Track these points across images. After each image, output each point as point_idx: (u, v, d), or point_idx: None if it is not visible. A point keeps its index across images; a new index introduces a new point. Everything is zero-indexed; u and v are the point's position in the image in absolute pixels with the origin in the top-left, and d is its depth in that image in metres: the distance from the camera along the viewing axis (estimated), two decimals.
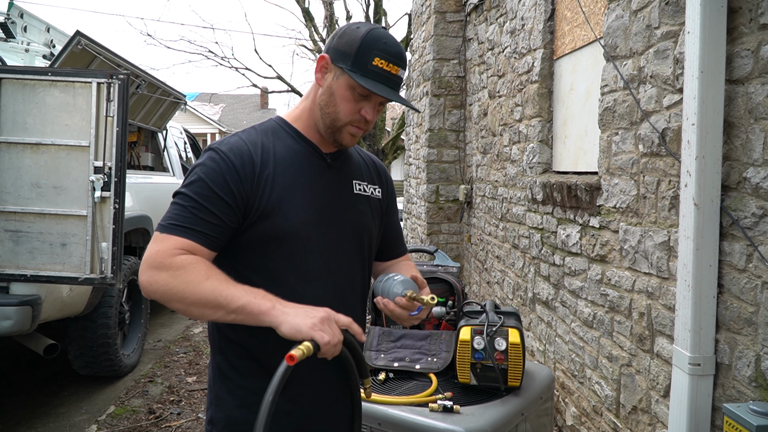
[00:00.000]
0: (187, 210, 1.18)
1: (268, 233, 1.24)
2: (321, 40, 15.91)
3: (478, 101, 5.17)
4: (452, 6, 5.67)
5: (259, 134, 1.30)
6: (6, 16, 4.31)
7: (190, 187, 1.21)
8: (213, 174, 1.21)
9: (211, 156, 1.24)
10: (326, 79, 1.27)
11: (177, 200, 1.21)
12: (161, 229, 1.18)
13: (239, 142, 1.27)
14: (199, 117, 24.42)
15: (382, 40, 1.21)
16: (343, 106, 1.25)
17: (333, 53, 1.25)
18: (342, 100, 1.25)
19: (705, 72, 1.73)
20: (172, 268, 1.13)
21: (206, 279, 1.13)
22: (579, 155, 3.23)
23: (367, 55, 1.20)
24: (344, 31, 1.26)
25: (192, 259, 1.15)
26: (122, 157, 3.21)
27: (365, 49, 1.20)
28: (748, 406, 1.46)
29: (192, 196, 1.19)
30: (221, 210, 1.20)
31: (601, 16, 2.88)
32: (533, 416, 2.04)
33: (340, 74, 1.24)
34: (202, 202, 1.19)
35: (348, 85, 1.23)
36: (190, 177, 1.23)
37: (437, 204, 5.89)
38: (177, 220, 1.18)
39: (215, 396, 1.32)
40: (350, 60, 1.21)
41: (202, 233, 1.18)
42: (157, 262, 1.14)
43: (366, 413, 1.91)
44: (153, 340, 5.23)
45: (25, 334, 3.33)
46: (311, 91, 1.34)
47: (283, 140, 1.31)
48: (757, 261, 1.63)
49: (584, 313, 2.85)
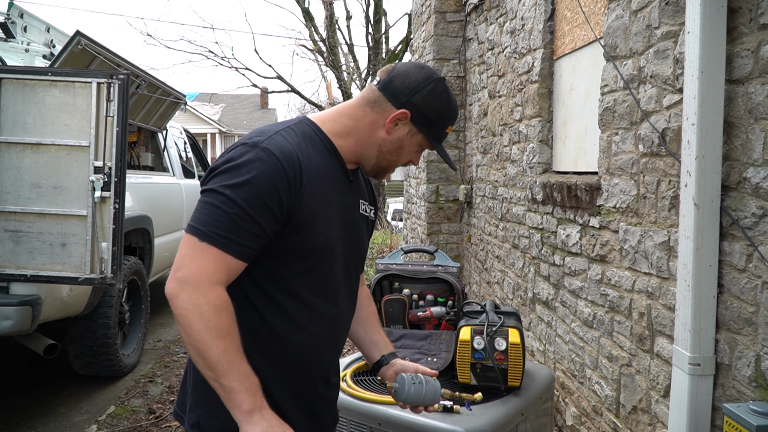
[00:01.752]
0: (231, 219, 1.09)
1: (297, 246, 1.19)
2: (321, 40, 15.92)
3: (478, 101, 5.17)
4: (452, 6, 5.67)
5: (299, 138, 1.22)
6: (6, 16, 4.31)
7: (237, 190, 1.10)
8: (264, 179, 1.11)
9: (261, 157, 1.12)
10: (398, 130, 1.28)
11: (220, 204, 1.10)
12: (202, 237, 1.09)
13: (287, 145, 1.17)
14: (199, 117, 24.43)
15: (457, 111, 1.34)
16: (405, 157, 1.33)
17: (416, 113, 1.27)
18: (408, 153, 1.33)
19: (705, 72, 1.73)
20: (203, 303, 1.07)
21: (223, 338, 1.08)
22: (579, 155, 3.23)
23: (444, 125, 1.31)
24: (430, 91, 1.27)
25: (224, 306, 1.10)
26: (122, 157, 3.21)
27: (446, 120, 1.31)
28: (748, 406, 1.46)
29: (240, 204, 1.09)
30: (267, 222, 1.12)
31: (601, 16, 2.88)
32: (533, 416, 2.04)
33: (416, 133, 1.30)
34: (249, 211, 1.10)
35: (419, 143, 1.32)
36: (237, 176, 1.11)
37: (437, 204, 5.89)
38: (221, 230, 1.09)
39: (203, 400, 1.23)
40: (432, 128, 1.30)
41: (245, 246, 1.11)
42: (194, 282, 1.08)
43: (366, 413, 1.91)
44: (153, 340, 5.23)
45: (25, 334, 3.33)
46: (362, 116, 1.29)
47: (318, 149, 1.25)
48: (757, 261, 1.63)
49: (584, 313, 2.85)
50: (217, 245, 1.09)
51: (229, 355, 1.08)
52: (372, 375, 2.13)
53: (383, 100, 1.27)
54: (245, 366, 1.11)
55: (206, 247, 1.09)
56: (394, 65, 1.30)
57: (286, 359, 1.24)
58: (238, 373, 1.09)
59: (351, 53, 16.60)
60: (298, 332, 1.24)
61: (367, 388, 2.04)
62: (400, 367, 1.50)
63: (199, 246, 1.09)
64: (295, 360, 1.25)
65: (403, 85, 1.26)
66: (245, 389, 1.09)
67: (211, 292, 1.08)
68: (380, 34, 15.67)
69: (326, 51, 15.81)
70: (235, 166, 1.12)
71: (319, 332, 1.27)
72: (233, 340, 1.10)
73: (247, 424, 1.09)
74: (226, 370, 1.08)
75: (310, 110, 33.68)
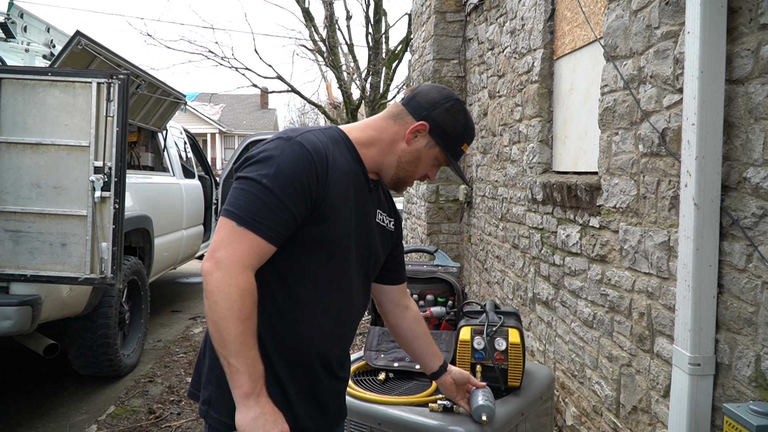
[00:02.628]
0: (266, 205, 1.19)
1: (318, 236, 1.28)
2: (321, 40, 15.91)
3: (478, 101, 5.17)
4: (452, 6, 5.67)
5: (327, 138, 1.32)
6: (6, 16, 4.31)
7: (271, 178, 1.20)
8: (296, 168, 1.22)
9: (294, 149, 1.24)
10: (417, 141, 1.39)
11: (256, 191, 1.20)
12: (240, 222, 1.18)
13: (318, 142, 1.28)
14: (199, 117, 24.44)
15: (473, 131, 1.44)
16: (422, 169, 1.43)
17: (434, 126, 1.38)
18: (425, 166, 1.43)
19: (705, 72, 1.73)
20: (233, 284, 1.16)
21: (243, 320, 1.17)
22: (579, 155, 3.23)
23: (461, 142, 1.42)
24: (449, 108, 1.39)
25: (250, 290, 1.19)
26: (122, 157, 3.21)
27: (462, 137, 1.42)
28: (748, 406, 1.46)
29: (273, 190, 1.19)
30: (298, 208, 1.22)
31: (601, 16, 2.88)
32: (533, 416, 2.04)
33: (433, 146, 1.40)
34: (282, 198, 1.20)
35: (435, 156, 1.42)
36: (269, 166, 1.21)
37: (437, 204, 5.89)
38: (257, 215, 1.19)
39: (217, 378, 1.30)
40: (449, 142, 1.40)
41: (277, 231, 1.21)
42: (228, 264, 1.17)
43: (366, 413, 1.91)
44: (153, 340, 5.23)
45: (25, 334, 3.33)
46: (385, 128, 1.41)
47: (344, 153, 1.35)
48: (757, 261, 1.63)
49: (584, 313, 2.85)
50: (253, 230, 1.19)
51: (244, 337, 1.17)
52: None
53: (405, 114, 1.40)
54: (255, 352, 1.19)
55: (243, 232, 1.19)
56: (419, 85, 1.45)
57: (294, 346, 1.32)
58: (247, 357, 1.17)
59: (351, 53, 16.60)
60: (307, 322, 1.31)
61: (367, 388, 2.04)
62: (457, 374, 1.74)
63: (237, 230, 1.19)
64: (301, 348, 1.32)
65: (425, 100, 1.39)
66: (249, 373, 1.17)
67: (241, 275, 1.18)
68: (380, 34, 15.66)
69: (326, 51, 15.80)
70: (269, 156, 1.23)
71: (327, 324, 1.35)
72: (251, 325, 1.19)
73: (242, 406, 1.18)
74: (237, 350, 1.16)
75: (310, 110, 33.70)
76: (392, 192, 1.62)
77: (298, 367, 1.33)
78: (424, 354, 1.70)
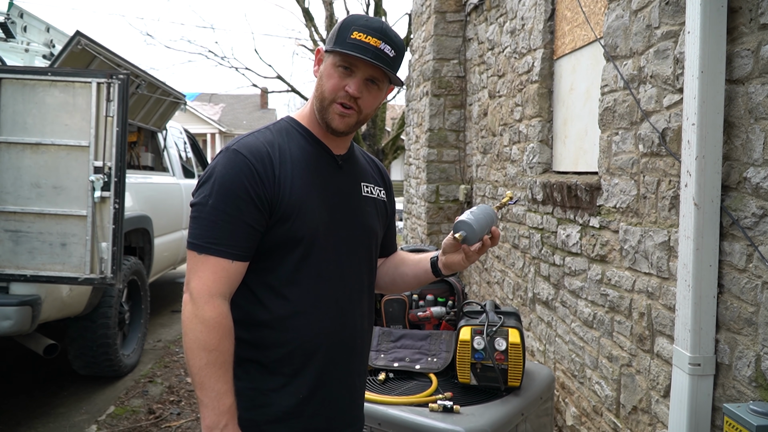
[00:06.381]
0: (216, 225, 1.18)
1: (287, 235, 1.24)
2: (321, 40, 15.90)
3: (478, 101, 5.17)
4: (452, 6, 5.67)
5: (273, 134, 1.29)
6: (6, 16, 4.31)
7: (214, 197, 1.19)
8: (235, 178, 1.19)
9: (230, 159, 1.21)
10: (321, 69, 1.29)
11: (204, 215, 1.19)
12: (199, 249, 1.18)
13: (256, 142, 1.25)
14: (199, 117, 24.42)
15: (363, 18, 1.24)
16: (328, 84, 1.25)
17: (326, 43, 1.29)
18: (327, 79, 1.26)
19: (705, 72, 1.73)
20: (198, 316, 1.17)
21: (208, 351, 1.17)
22: (579, 155, 3.23)
23: (346, 31, 1.23)
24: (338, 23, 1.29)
25: (217, 320, 1.18)
26: (122, 157, 3.21)
27: (345, 26, 1.24)
28: (748, 406, 1.46)
29: (219, 208, 1.18)
30: (251, 216, 1.19)
31: (601, 16, 2.88)
32: (533, 416, 2.04)
33: (326, 56, 1.28)
34: (230, 212, 1.18)
35: (332, 63, 1.25)
36: (211, 185, 1.20)
37: (437, 204, 5.88)
38: (211, 238, 1.18)
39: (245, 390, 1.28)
40: (333, 40, 1.25)
41: (238, 246, 1.19)
42: (195, 296, 1.18)
43: (366, 413, 1.91)
44: (153, 340, 5.23)
45: (25, 334, 3.33)
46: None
47: (296, 141, 1.30)
48: (757, 261, 1.63)
49: (584, 313, 2.85)
50: (212, 254, 1.18)
51: (209, 369, 1.16)
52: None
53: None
54: (221, 385, 1.17)
55: (204, 258, 1.18)
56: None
57: (297, 347, 1.28)
58: (211, 390, 1.16)
59: None
60: (302, 318, 1.27)
61: (367, 388, 2.04)
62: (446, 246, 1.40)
63: (199, 258, 1.19)
64: (305, 347, 1.28)
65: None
66: (212, 407, 1.16)
67: (207, 305, 1.17)
68: None
69: None
70: (209, 176, 1.22)
71: (323, 316, 1.29)
72: (218, 356, 1.17)
73: None
74: (201, 382, 1.17)
75: None
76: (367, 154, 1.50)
77: (308, 368, 1.28)
78: (415, 265, 1.49)
